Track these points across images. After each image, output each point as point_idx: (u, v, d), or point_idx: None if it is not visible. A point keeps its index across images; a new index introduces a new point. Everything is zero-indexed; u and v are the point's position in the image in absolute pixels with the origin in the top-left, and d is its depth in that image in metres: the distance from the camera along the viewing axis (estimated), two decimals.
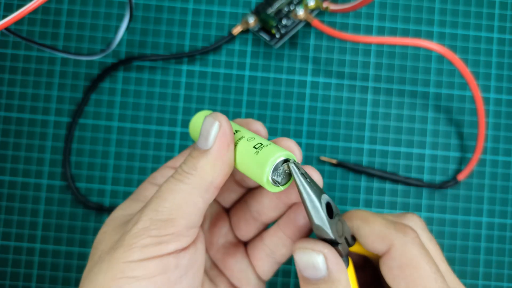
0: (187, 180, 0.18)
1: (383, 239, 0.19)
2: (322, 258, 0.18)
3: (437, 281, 0.19)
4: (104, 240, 0.20)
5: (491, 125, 0.34)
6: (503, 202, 0.34)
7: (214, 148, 0.18)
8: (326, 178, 0.34)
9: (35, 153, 0.33)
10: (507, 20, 0.35)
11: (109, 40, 0.34)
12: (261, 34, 0.33)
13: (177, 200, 0.18)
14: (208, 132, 0.19)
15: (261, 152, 0.18)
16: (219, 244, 0.23)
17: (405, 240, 0.19)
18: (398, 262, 0.19)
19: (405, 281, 0.19)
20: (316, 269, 0.18)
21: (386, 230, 0.19)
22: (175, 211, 0.18)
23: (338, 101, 0.34)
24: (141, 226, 0.18)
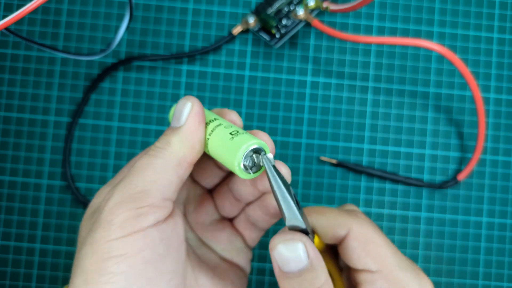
0: (160, 154, 0.19)
1: (341, 224, 0.21)
2: (302, 246, 0.18)
3: (394, 251, 0.21)
4: (83, 226, 0.20)
5: (491, 125, 0.34)
6: (503, 202, 0.34)
7: (186, 125, 0.19)
8: (326, 178, 0.34)
9: (35, 153, 0.33)
10: (507, 20, 0.35)
11: (109, 40, 0.34)
12: (261, 34, 0.33)
13: (151, 174, 0.18)
14: (180, 112, 0.20)
15: (236, 139, 0.19)
16: (206, 222, 0.24)
17: (360, 221, 0.21)
18: (359, 241, 0.20)
19: (370, 256, 0.20)
20: (297, 260, 0.18)
21: (342, 216, 0.21)
22: (149, 184, 0.18)
23: (338, 101, 0.34)
24: (115, 200, 0.18)
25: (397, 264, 0.20)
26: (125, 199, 0.18)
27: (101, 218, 0.18)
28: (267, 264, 0.33)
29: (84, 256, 0.18)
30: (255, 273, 0.33)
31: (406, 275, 0.20)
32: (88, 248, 0.18)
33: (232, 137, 0.19)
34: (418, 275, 0.21)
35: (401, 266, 0.21)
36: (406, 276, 0.20)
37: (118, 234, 0.17)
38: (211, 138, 0.20)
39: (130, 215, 0.18)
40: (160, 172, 0.19)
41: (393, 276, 0.20)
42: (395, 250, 0.21)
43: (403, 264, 0.21)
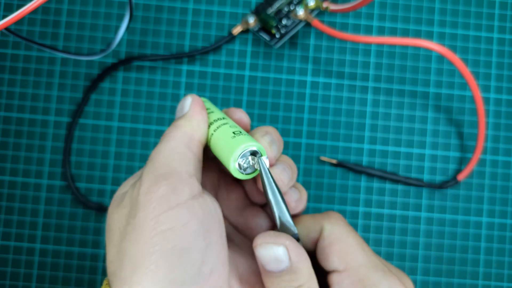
0: (172, 137, 0.20)
1: (314, 226, 0.21)
2: (283, 249, 0.19)
3: (364, 250, 0.20)
4: (114, 220, 0.19)
5: (491, 125, 0.34)
6: (503, 202, 0.34)
7: (190, 110, 0.21)
8: (326, 178, 0.34)
9: (35, 153, 0.33)
10: (507, 20, 0.35)
11: (109, 40, 0.34)
12: (261, 34, 0.33)
13: (169, 155, 0.20)
14: (183, 105, 0.22)
15: (237, 138, 0.20)
16: (239, 208, 0.24)
17: (331, 220, 0.21)
18: (328, 240, 0.21)
19: (337, 255, 0.20)
20: (278, 261, 0.19)
21: (314, 219, 0.22)
22: (172, 163, 0.19)
23: (338, 101, 0.34)
24: (148, 183, 0.18)
25: (365, 263, 0.20)
26: (156, 179, 0.18)
27: (138, 202, 0.18)
28: None
29: (129, 244, 0.18)
30: None
31: (373, 275, 0.20)
32: (132, 234, 0.18)
33: (234, 136, 0.20)
34: (386, 275, 0.20)
35: (368, 265, 0.20)
36: (373, 276, 0.20)
37: (161, 209, 0.18)
38: (215, 134, 0.21)
39: (166, 191, 0.18)
40: (177, 152, 0.20)
41: (359, 275, 0.20)
42: (365, 250, 0.21)
43: (372, 264, 0.20)
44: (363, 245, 0.21)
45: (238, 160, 0.20)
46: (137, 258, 0.17)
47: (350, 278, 0.20)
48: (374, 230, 0.33)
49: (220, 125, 0.21)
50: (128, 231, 0.18)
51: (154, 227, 0.17)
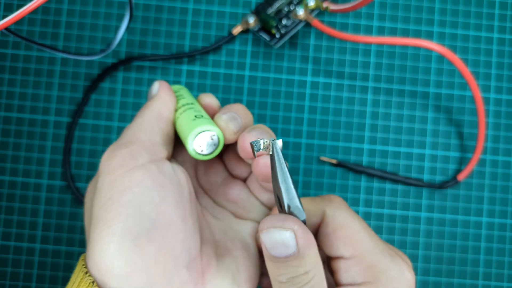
0: (141, 114, 0.22)
1: (315, 210, 0.20)
2: (291, 234, 0.17)
3: (370, 235, 0.20)
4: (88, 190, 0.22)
5: (491, 125, 0.34)
6: (503, 202, 0.34)
7: (158, 92, 0.23)
8: (326, 178, 0.34)
9: (35, 153, 0.33)
10: (507, 20, 0.35)
11: (109, 40, 0.34)
12: (261, 34, 0.33)
13: (134, 128, 0.21)
14: (152, 90, 0.24)
15: (196, 121, 0.22)
16: (218, 182, 0.24)
17: (333, 206, 0.20)
18: (331, 226, 0.20)
19: (342, 242, 0.20)
20: (285, 246, 0.17)
21: (316, 203, 0.21)
22: (136, 133, 0.21)
23: (338, 101, 0.34)
24: (111, 150, 0.21)
25: (372, 249, 0.20)
26: (119, 147, 0.20)
27: (100, 168, 0.20)
28: None
29: (93, 207, 0.20)
30: None
31: (382, 260, 0.19)
32: (96, 198, 0.20)
33: (194, 119, 0.22)
34: (394, 259, 0.20)
35: (376, 250, 0.20)
36: (382, 261, 0.19)
37: (118, 172, 0.19)
38: (180, 118, 0.23)
39: (125, 156, 0.20)
40: (143, 125, 0.22)
41: (368, 261, 0.19)
42: (371, 235, 0.20)
43: (379, 249, 0.20)
44: (368, 230, 0.20)
45: (194, 141, 0.21)
46: (98, 217, 0.19)
47: (358, 265, 0.19)
48: (374, 230, 0.33)
49: (186, 109, 0.23)
50: (94, 197, 0.20)
51: (111, 187, 0.19)
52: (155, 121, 0.22)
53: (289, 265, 0.18)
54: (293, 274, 0.18)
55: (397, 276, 0.19)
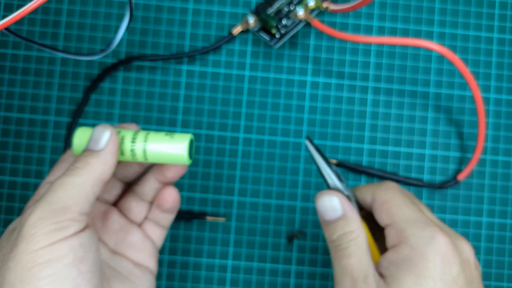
0: (80, 173, 0.21)
1: (367, 192, 0.24)
2: (337, 199, 0.23)
3: (410, 208, 0.23)
4: (2, 245, 0.21)
5: (491, 125, 0.34)
6: (503, 202, 0.34)
7: (107, 149, 0.22)
8: None
9: (35, 153, 0.33)
10: (507, 20, 0.35)
11: (109, 40, 0.34)
12: (261, 34, 0.33)
13: (71, 191, 0.21)
14: (99, 137, 0.22)
15: (175, 136, 0.23)
16: (115, 230, 0.26)
17: (382, 187, 0.24)
18: (378, 202, 0.24)
19: (384, 213, 0.23)
20: (334, 210, 0.23)
21: (368, 186, 0.25)
22: (69, 200, 0.20)
23: (338, 101, 0.34)
24: (38, 216, 0.20)
25: (406, 218, 0.22)
26: (47, 214, 0.20)
27: (23, 232, 0.20)
28: (266, 265, 0.33)
29: (7, 270, 0.19)
30: (255, 273, 0.33)
31: (411, 227, 0.22)
32: (12, 262, 0.19)
33: (170, 136, 0.23)
34: (426, 226, 0.22)
35: (410, 219, 0.22)
36: (411, 228, 0.22)
37: (42, 244, 0.19)
38: (149, 143, 0.23)
39: (52, 228, 0.20)
40: (79, 190, 0.21)
41: (399, 227, 0.22)
42: (411, 208, 0.23)
43: (414, 218, 0.22)
44: (410, 204, 0.23)
45: (186, 149, 0.23)
46: (14, 285, 0.19)
47: (393, 231, 0.23)
48: None
49: (145, 135, 0.23)
50: (9, 258, 0.19)
51: (32, 260, 0.19)
52: (93, 186, 0.21)
53: (338, 225, 0.23)
54: (341, 231, 0.23)
55: (427, 239, 0.21)
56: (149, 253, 0.26)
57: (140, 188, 0.26)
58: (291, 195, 0.33)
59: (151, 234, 0.27)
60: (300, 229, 0.33)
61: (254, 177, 0.33)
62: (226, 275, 0.33)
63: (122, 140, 0.23)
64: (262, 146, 0.34)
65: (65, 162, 0.25)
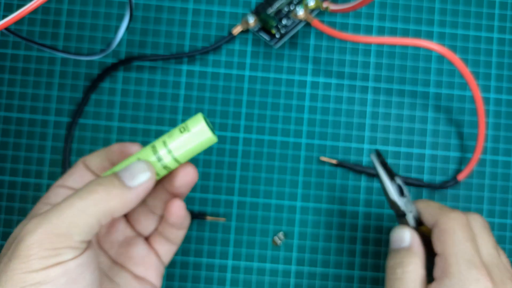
0: (95, 203, 0.20)
1: (433, 213, 0.25)
2: (408, 233, 0.25)
3: (468, 246, 0.23)
4: (2, 255, 0.20)
5: (491, 125, 0.34)
6: (503, 202, 0.34)
7: (138, 190, 0.21)
8: (326, 178, 0.34)
9: (35, 153, 0.33)
10: (507, 20, 0.35)
11: (109, 40, 0.34)
12: (261, 34, 0.33)
13: (76, 218, 0.19)
14: (137, 174, 0.21)
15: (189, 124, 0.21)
16: (119, 241, 0.25)
17: (448, 215, 0.24)
18: (438, 228, 0.24)
19: (440, 242, 0.24)
20: (402, 240, 0.25)
21: (438, 207, 0.26)
22: (73, 227, 0.19)
23: (338, 101, 0.34)
24: (37, 237, 0.19)
25: (457, 254, 0.23)
26: (47, 237, 0.19)
27: (19, 251, 0.19)
28: (266, 265, 0.33)
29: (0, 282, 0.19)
30: (255, 273, 0.33)
31: (460, 264, 0.22)
32: (3, 277, 0.19)
33: (184, 128, 0.21)
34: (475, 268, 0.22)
35: (461, 256, 0.23)
36: (460, 265, 0.22)
37: (36, 267, 0.19)
38: (174, 149, 0.21)
39: (49, 254, 0.19)
40: (87, 219, 0.20)
41: (448, 261, 0.23)
42: (470, 246, 0.23)
43: (465, 256, 0.23)
44: (469, 241, 0.23)
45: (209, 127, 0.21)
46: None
47: (441, 262, 0.23)
48: (374, 230, 0.33)
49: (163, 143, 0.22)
50: (2, 271, 0.19)
51: (24, 280, 0.18)
52: (103, 218, 0.20)
53: (400, 253, 0.25)
54: (400, 259, 0.24)
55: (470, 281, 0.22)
56: (152, 267, 0.25)
57: (151, 199, 0.25)
58: (291, 195, 0.33)
59: (158, 248, 0.25)
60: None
61: (254, 177, 0.33)
62: (226, 275, 0.33)
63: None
64: (262, 146, 0.34)
65: (78, 170, 0.24)
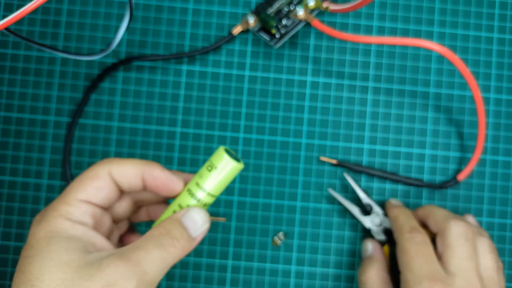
0: (168, 255, 0.21)
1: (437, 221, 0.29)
2: (370, 245, 0.31)
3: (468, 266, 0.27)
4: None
5: (491, 125, 0.34)
6: (503, 202, 0.34)
7: (198, 240, 0.22)
8: (326, 178, 0.34)
9: (35, 153, 0.33)
10: (507, 20, 0.35)
11: (109, 40, 0.34)
12: (261, 34, 0.33)
13: (149, 264, 0.20)
14: (201, 225, 0.22)
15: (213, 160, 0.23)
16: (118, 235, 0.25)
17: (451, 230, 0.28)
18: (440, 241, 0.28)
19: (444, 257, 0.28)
20: (366, 251, 0.31)
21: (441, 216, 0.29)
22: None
23: (338, 101, 0.34)
24: None
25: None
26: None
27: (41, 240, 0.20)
28: (266, 265, 0.33)
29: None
30: (255, 273, 0.33)
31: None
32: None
33: (210, 165, 0.23)
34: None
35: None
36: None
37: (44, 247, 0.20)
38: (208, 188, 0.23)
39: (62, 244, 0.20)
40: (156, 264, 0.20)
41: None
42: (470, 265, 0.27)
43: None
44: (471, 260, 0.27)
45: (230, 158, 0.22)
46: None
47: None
48: None
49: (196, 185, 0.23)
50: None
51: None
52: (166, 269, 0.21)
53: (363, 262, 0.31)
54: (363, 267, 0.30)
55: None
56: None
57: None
58: (291, 195, 0.33)
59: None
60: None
61: (254, 177, 0.33)
62: (226, 275, 0.33)
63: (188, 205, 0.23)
64: (262, 146, 0.34)
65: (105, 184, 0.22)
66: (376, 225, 0.32)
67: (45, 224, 0.21)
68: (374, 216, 0.32)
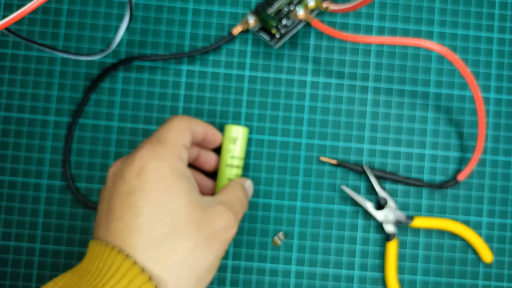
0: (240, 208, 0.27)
1: None
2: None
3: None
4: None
5: (491, 125, 0.34)
6: (503, 202, 0.34)
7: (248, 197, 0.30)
8: (326, 178, 0.34)
9: (35, 153, 0.33)
10: (507, 20, 0.35)
11: (109, 40, 0.34)
12: (261, 34, 0.33)
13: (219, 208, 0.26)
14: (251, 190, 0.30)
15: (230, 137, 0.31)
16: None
17: None
18: None
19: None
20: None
21: None
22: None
23: (338, 101, 0.34)
24: None
25: None
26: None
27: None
28: (266, 265, 0.33)
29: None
30: (255, 273, 0.33)
31: None
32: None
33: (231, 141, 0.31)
34: None
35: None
36: None
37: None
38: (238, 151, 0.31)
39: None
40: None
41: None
42: None
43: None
44: None
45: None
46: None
47: None
48: (374, 230, 0.33)
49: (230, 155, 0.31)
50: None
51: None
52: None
53: None
54: None
55: None
56: None
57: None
58: (291, 195, 0.33)
59: None
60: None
61: (254, 177, 0.33)
62: (226, 275, 0.33)
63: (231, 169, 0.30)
64: (262, 146, 0.34)
65: (187, 137, 0.26)
66: (389, 219, 0.32)
67: (167, 163, 0.24)
68: (387, 210, 0.33)
